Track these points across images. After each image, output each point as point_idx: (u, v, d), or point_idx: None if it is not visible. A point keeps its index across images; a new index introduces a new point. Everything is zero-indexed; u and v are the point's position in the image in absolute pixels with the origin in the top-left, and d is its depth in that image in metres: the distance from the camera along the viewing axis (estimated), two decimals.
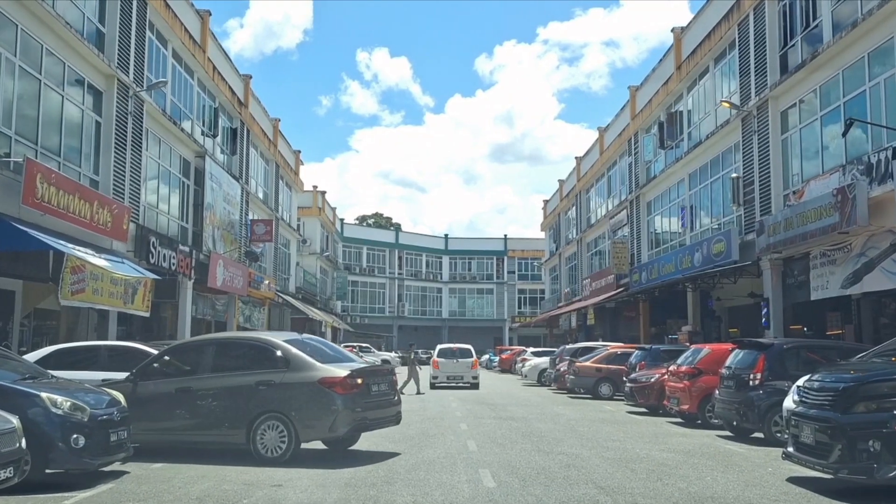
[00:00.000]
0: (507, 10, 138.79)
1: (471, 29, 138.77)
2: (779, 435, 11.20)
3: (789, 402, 10.12)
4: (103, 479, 8.01)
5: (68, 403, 7.46)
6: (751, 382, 11.51)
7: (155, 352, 11.30)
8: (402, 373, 22.16)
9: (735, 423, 12.10)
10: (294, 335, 10.44)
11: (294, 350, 9.58)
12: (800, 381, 10.14)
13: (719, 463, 9.42)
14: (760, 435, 11.78)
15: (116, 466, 8.52)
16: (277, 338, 10.01)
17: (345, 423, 9.24)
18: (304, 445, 9.52)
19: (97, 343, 12.30)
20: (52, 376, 8.58)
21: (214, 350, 10.13)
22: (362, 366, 9.92)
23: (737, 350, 12.54)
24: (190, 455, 9.48)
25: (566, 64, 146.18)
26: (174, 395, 9.67)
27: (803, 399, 7.98)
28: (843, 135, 15.14)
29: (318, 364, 9.42)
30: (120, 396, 8.46)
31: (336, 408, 9.14)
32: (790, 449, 7.93)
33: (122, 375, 10.88)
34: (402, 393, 23.26)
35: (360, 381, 9.35)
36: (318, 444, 10.13)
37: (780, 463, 9.01)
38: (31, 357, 11.04)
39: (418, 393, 22.85)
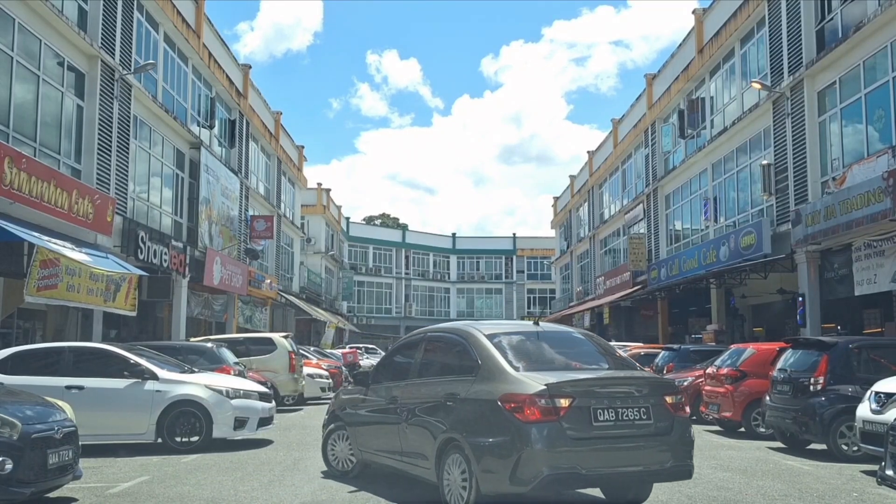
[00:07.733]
0: (512, 10, 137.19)
1: (478, 29, 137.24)
2: (845, 448, 9.74)
3: (865, 412, 8.70)
4: None
5: None
6: (811, 387, 9.97)
7: (126, 354, 9.94)
8: None
9: (792, 433, 10.58)
10: (521, 325, 7.25)
11: (489, 347, 6.31)
12: (878, 386, 8.74)
13: (789, 486, 7.80)
14: (820, 447, 10.28)
15: (64, 491, 7.06)
16: (484, 328, 6.71)
17: (535, 469, 5.49)
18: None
19: (61, 344, 10.88)
20: None
21: (424, 346, 7.33)
22: (582, 377, 6.00)
23: (790, 350, 11.00)
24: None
25: (574, 64, 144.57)
26: (385, 406, 7.37)
27: None
28: None
29: (511, 372, 5.99)
30: (67, 408, 7.01)
31: (526, 445, 5.52)
32: (889, 472, 6.40)
33: (89, 381, 9.59)
34: None
35: (564, 402, 5.61)
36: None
37: (864, 485, 7.55)
38: None
39: None
